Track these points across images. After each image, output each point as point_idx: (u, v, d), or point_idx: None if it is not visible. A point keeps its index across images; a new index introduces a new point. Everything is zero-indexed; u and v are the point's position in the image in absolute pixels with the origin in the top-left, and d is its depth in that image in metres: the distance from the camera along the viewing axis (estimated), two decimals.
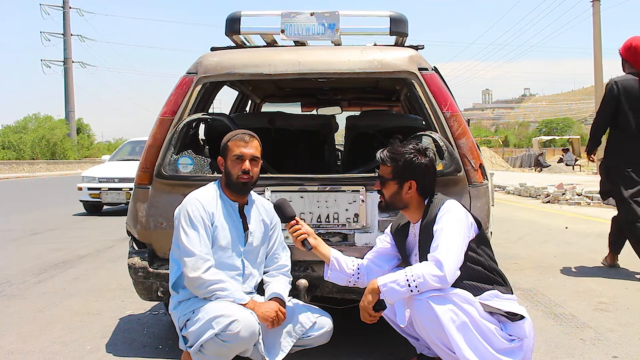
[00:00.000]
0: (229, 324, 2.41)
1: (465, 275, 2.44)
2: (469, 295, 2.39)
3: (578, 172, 26.15)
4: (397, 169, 2.54)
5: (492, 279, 2.51)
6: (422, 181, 2.56)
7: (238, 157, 2.71)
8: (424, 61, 3.18)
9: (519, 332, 2.42)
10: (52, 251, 6.34)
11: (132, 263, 3.06)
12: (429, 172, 2.59)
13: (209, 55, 3.30)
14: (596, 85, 24.79)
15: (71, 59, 51.12)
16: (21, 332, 3.41)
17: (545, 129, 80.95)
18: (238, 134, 2.77)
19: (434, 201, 2.56)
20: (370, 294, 2.41)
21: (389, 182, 2.56)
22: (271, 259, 2.87)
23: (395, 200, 2.57)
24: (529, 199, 13.32)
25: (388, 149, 2.59)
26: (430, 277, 2.30)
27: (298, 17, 3.43)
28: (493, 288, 2.48)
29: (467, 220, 2.48)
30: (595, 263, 5.41)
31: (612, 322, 3.52)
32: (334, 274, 2.67)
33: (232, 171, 2.72)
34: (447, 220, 2.43)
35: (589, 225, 8.27)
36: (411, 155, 2.53)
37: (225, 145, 2.76)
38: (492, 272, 2.52)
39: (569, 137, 39.03)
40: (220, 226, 2.68)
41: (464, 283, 2.43)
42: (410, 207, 2.59)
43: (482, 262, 2.50)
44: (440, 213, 2.47)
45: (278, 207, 2.69)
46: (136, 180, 3.15)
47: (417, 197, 2.57)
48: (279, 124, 4.00)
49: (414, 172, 2.53)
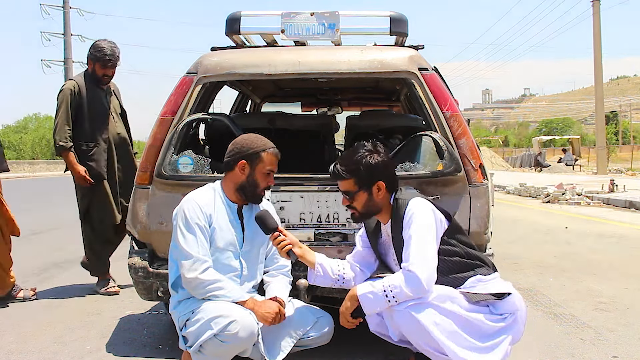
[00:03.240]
0: (228, 324, 2.41)
1: (444, 270, 2.44)
2: (448, 291, 2.39)
3: (578, 172, 26.15)
4: (360, 177, 2.50)
5: (472, 264, 2.50)
6: (387, 178, 2.54)
7: (269, 172, 2.71)
8: (424, 61, 3.17)
9: (509, 307, 2.43)
10: (52, 251, 6.34)
11: (132, 263, 3.06)
12: (389, 166, 2.58)
13: (209, 55, 3.30)
14: (596, 85, 24.82)
15: (71, 59, 51.01)
16: (21, 332, 3.41)
17: (545, 129, 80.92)
18: (271, 147, 2.73)
19: (398, 201, 2.53)
20: (349, 301, 2.43)
21: (358, 193, 2.52)
22: (271, 259, 2.87)
23: (370, 207, 2.55)
24: (529, 199, 13.32)
25: (340, 163, 2.54)
26: (408, 289, 2.30)
27: (298, 17, 3.43)
28: (475, 273, 2.48)
29: (434, 219, 2.45)
30: (595, 263, 5.41)
31: (612, 322, 3.52)
32: (319, 279, 2.66)
33: (261, 183, 2.70)
34: (415, 225, 2.41)
35: (589, 225, 8.27)
36: (367, 159, 2.49)
37: (258, 154, 2.69)
38: (470, 258, 2.51)
39: (569, 137, 39.00)
40: (218, 227, 2.67)
41: (444, 278, 2.43)
42: (384, 209, 2.58)
43: (458, 251, 2.50)
44: (407, 217, 2.45)
45: (259, 219, 2.62)
46: (136, 180, 3.15)
47: (388, 195, 2.56)
48: (279, 124, 4.00)
49: (377, 173, 2.50)
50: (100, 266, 4.43)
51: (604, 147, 24.93)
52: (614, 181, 12.88)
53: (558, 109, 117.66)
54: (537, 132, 77.20)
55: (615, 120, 65.43)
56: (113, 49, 4.32)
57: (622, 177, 19.63)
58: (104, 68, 4.32)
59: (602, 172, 22.61)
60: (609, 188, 12.43)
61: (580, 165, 29.01)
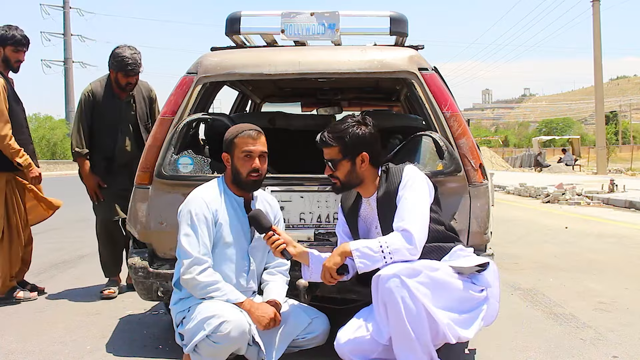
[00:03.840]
0: (219, 325, 2.43)
1: (431, 237, 2.47)
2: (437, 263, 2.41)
3: (578, 172, 26.15)
4: (345, 146, 2.52)
5: (452, 237, 2.58)
6: (372, 150, 2.55)
7: (247, 155, 2.68)
8: (424, 61, 3.17)
9: (485, 282, 2.46)
10: (52, 251, 6.34)
11: (132, 263, 3.06)
12: (375, 140, 2.58)
13: (209, 55, 3.30)
14: (596, 85, 24.81)
15: (71, 59, 51.08)
16: (21, 332, 3.41)
17: (545, 129, 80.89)
18: (244, 129, 2.72)
19: (390, 170, 2.56)
20: (339, 256, 2.43)
21: (341, 162, 2.54)
22: (272, 256, 2.85)
23: (352, 178, 2.56)
24: (529, 199, 13.32)
25: (327, 131, 2.56)
26: (403, 246, 2.33)
27: (298, 17, 3.43)
28: (455, 244, 2.55)
29: (428, 185, 2.53)
30: (595, 263, 5.41)
31: (612, 322, 3.52)
32: (314, 276, 2.63)
33: (242, 169, 2.69)
34: (412, 188, 2.46)
35: (589, 225, 8.27)
36: (354, 128, 2.52)
37: (232, 141, 2.71)
38: (450, 230, 2.60)
39: (569, 137, 39.00)
40: (225, 223, 2.68)
41: (430, 245, 2.46)
42: (366, 181, 2.58)
43: (443, 221, 2.56)
44: (404, 181, 2.49)
45: (253, 218, 2.60)
46: (136, 180, 3.15)
47: (371, 168, 2.57)
48: (279, 124, 4.00)
49: (363, 143, 2.52)
50: (110, 267, 4.39)
51: (604, 147, 24.92)
52: (613, 181, 12.88)
53: (558, 109, 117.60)
54: (537, 132, 77.16)
55: (615, 120, 65.41)
56: (134, 56, 4.15)
57: (622, 177, 19.63)
58: (126, 77, 4.17)
59: (602, 172, 22.61)
60: (609, 188, 12.43)
61: (580, 165, 29.00)
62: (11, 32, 4.07)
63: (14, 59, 4.12)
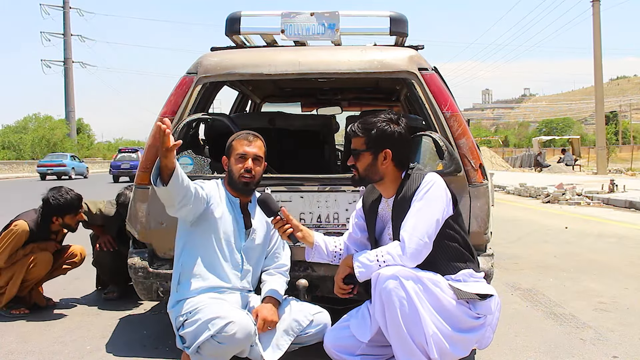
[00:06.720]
0: (225, 325, 2.43)
1: (443, 253, 2.44)
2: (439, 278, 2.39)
3: (578, 172, 26.15)
4: (370, 138, 2.50)
5: (466, 256, 2.51)
6: (397, 150, 2.51)
7: (241, 156, 2.75)
8: (424, 61, 3.18)
9: (485, 309, 2.43)
10: None
11: (132, 263, 3.06)
12: (403, 140, 2.55)
13: (209, 55, 3.31)
14: (596, 85, 24.82)
15: (71, 59, 51.14)
16: (21, 332, 3.41)
17: (545, 129, 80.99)
18: (242, 133, 2.83)
19: (412, 175, 2.52)
20: (342, 267, 2.49)
21: (363, 153, 2.51)
22: (271, 258, 2.89)
23: (371, 172, 2.53)
24: (529, 199, 13.32)
25: (359, 121, 2.56)
26: (395, 255, 2.35)
27: (298, 17, 3.44)
28: (467, 266, 2.49)
29: (447, 197, 2.46)
30: (595, 263, 5.42)
31: (612, 322, 3.52)
32: (316, 257, 2.66)
33: (235, 170, 2.75)
34: (425, 198, 2.41)
35: (589, 225, 8.27)
36: (383, 124, 2.50)
37: (230, 144, 2.81)
38: (466, 249, 2.53)
39: (569, 137, 38.97)
40: (219, 216, 2.73)
41: (439, 262, 2.44)
42: (386, 180, 2.55)
43: (459, 239, 2.50)
44: (422, 187, 2.44)
45: (262, 202, 2.61)
46: (136, 180, 3.15)
47: (393, 168, 2.53)
48: (279, 124, 4.00)
49: (388, 140, 2.49)
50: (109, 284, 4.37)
51: (604, 147, 24.93)
52: (613, 181, 12.89)
53: (558, 109, 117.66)
54: (537, 132, 77.24)
55: (615, 120, 65.47)
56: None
57: (622, 177, 19.63)
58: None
59: (602, 172, 22.62)
60: (609, 188, 12.43)
61: (580, 166, 28.99)
62: (63, 198, 3.79)
63: (73, 223, 3.96)
